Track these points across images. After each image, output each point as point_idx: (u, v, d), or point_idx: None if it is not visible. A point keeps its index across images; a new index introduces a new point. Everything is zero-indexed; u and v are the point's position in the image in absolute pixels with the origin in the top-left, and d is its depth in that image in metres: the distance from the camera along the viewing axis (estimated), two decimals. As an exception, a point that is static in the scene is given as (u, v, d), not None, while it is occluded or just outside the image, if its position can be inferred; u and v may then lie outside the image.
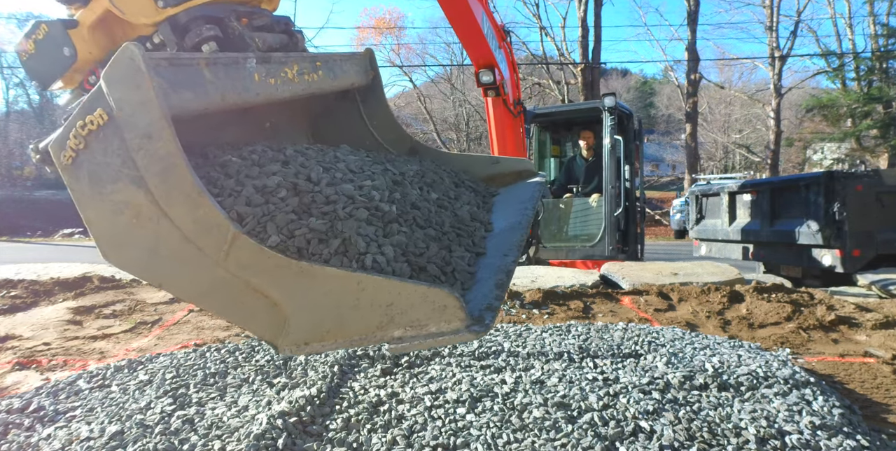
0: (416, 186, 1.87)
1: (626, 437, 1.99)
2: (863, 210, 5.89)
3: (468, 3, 4.80)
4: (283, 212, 1.40)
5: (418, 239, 1.54)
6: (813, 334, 3.72)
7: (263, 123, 2.10)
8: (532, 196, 2.10)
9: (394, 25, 32.27)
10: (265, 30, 1.85)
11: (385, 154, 2.17)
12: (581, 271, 5.96)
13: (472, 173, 2.35)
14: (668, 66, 31.39)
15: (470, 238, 1.75)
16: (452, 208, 1.87)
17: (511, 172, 2.34)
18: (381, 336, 1.19)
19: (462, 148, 33.68)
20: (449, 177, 2.16)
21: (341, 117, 2.31)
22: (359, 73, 2.15)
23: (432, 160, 2.31)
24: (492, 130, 6.01)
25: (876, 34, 20.56)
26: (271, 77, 1.58)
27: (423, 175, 1.99)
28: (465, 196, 2.07)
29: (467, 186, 2.20)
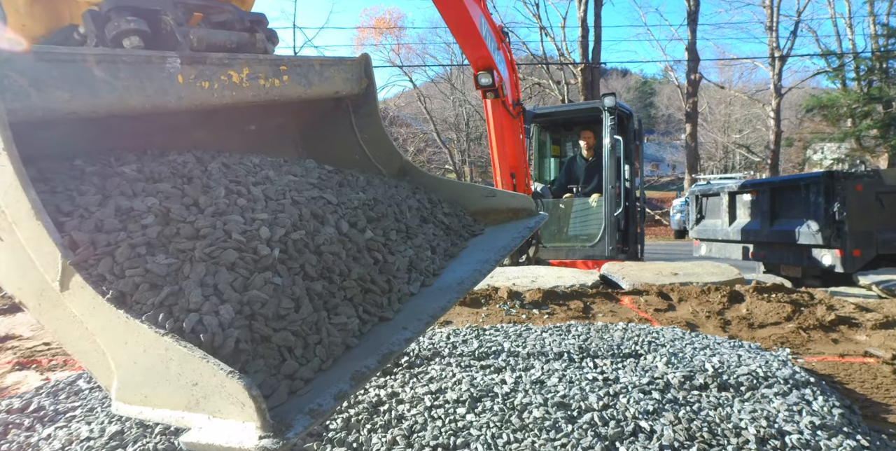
0: (348, 221, 1.57)
1: (626, 437, 1.99)
2: (863, 210, 5.89)
3: (465, 6, 4.78)
4: (131, 244, 1.17)
5: (289, 295, 1.24)
6: (813, 334, 3.72)
7: (245, 127, 1.96)
8: (506, 245, 1.80)
9: (394, 25, 32.31)
10: (226, 27, 1.69)
11: (346, 175, 1.89)
12: (581, 271, 5.96)
13: (463, 205, 2.11)
14: (668, 66, 31.43)
15: (384, 296, 1.44)
16: (387, 252, 1.57)
17: (507, 208, 2.07)
18: (189, 420, 0.97)
19: (462, 148, 33.69)
20: (420, 210, 1.91)
21: (332, 128, 2.12)
22: (347, 81, 1.93)
23: (414, 186, 2.08)
24: (491, 132, 6.01)
25: (876, 34, 20.54)
26: (204, 80, 1.40)
27: (373, 206, 1.71)
28: (425, 236, 1.79)
29: (439, 221, 1.92)
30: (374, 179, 1.97)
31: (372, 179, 1.95)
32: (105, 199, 1.27)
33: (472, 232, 2.01)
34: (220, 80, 1.44)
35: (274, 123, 2.06)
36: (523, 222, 2.01)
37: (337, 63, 1.89)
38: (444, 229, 1.92)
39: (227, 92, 1.47)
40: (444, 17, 4.99)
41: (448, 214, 2.02)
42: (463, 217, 2.06)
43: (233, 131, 1.94)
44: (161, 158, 1.52)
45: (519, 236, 1.89)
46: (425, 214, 1.91)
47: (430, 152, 33.13)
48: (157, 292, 1.11)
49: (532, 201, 2.07)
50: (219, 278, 1.17)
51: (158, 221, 1.25)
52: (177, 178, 1.43)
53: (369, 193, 1.81)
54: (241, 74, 1.50)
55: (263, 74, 1.57)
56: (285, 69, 1.64)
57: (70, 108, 1.19)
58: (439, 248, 1.77)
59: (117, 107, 1.26)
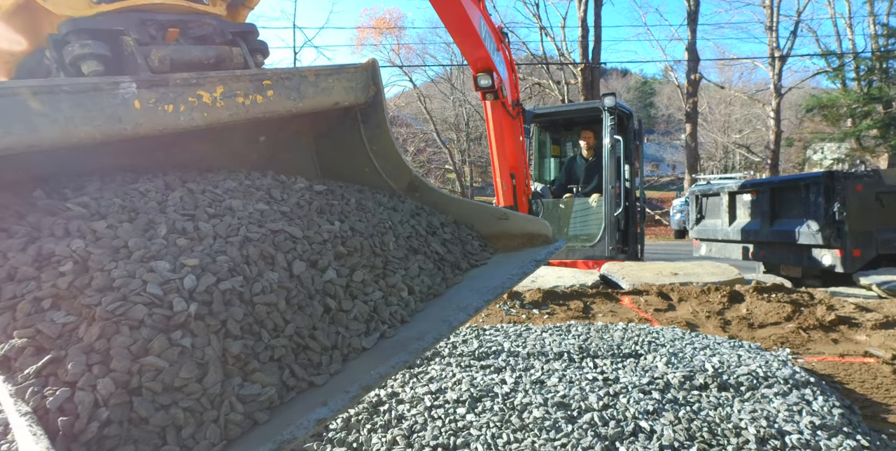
0: (308, 260, 1.41)
1: (626, 437, 1.99)
2: (863, 210, 5.89)
3: (464, 9, 4.77)
4: (36, 297, 1.05)
5: (197, 360, 1.08)
6: (813, 334, 3.72)
7: (256, 138, 1.88)
8: (499, 285, 1.58)
9: (394, 25, 32.30)
10: (206, 41, 1.61)
11: (332, 199, 1.74)
12: (581, 271, 5.96)
13: (474, 227, 1.96)
14: (668, 66, 31.42)
15: (325, 354, 1.25)
16: (345, 297, 1.39)
17: (521, 233, 1.89)
18: None
19: (462, 148, 33.69)
20: (411, 238, 1.74)
21: (343, 139, 2.00)
22: (351, 90, 1.80)
23: (418, 206, 1.93)
24: (490, 133, 6.01)
25: (876, 34, 20.56)
26: (167, 103, 1.31)
27: (346, 239, 1.54)
28: (406, 273, 1.59)
29: (432, 252, 1.74)
30: (369, 202, 1.81)
31: (365, 203, 1.79)
32: (30, 242, 1.18)
33: (475, 262, 1.82)
34: (187, 101, 1.35)
35: (286, 135, 1.96)
36: (535, 252, 1.81)
37: (336, 72, 1.75)
38: (436, 261, 1.73)
39: (196, 114, 1.36)
40: (442, 20, 4.97)
41: (448, 241, 1.84)
42: (469, 243, 1.89)
43: (243, 144, 1.87)
44: (126, 186, 1.44)
45: (520, 273, 1.67)
46: (416, 244, 1.72)
47: (430, 152, 33.12)
48: (39, 358, 0.97)
49: (549, 227, 1.87)
50: (115, 341, 1.02)
51: (75, 270, 1.13)
52: (123, 213, 1.32)
53: (350, 220, 1.64)
54: (213, 93, 1.39)
55: (242, 91, 1.46)
56: (270, 84, 1.53)
57: (4, 144, 1.11)
58: (420, 287, 1.57)
59: (61, 140, 1.18)
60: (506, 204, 6.29)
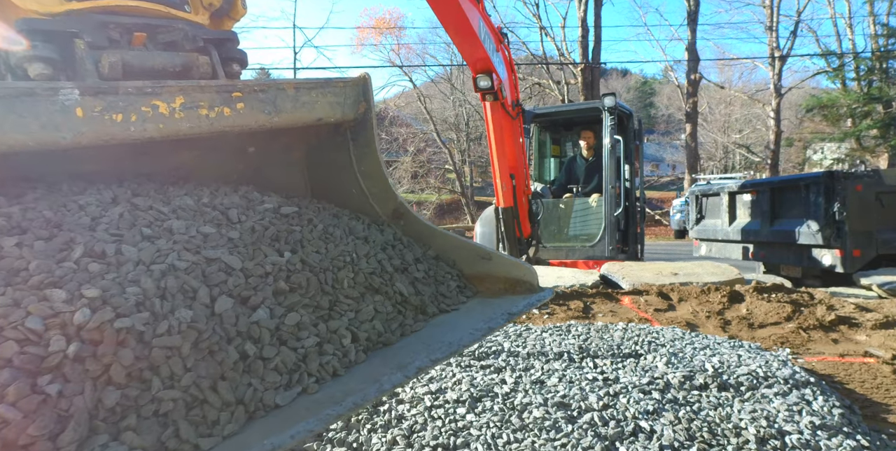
0: (239, 296, 1.27)
1: (626, 437, 1.99)
2: (863, 210, 5.89)
3: (463, 10, 4.75)
4: None
5: (61, 411, 0.94)
6: (813, 334, 3.72)
7: (245, 149, 1.79)
8: (456, 341, 1.42)
9: (394, 25, 32.28)
10: (176, 48, 1.53)
11: (292, 225, 1.59)
12: (581, 271, 5.96)
13: (455, 265, 1.81)
14: (668, 66, 31.43)
15: (224, 411, 1.08)
16: (270, 343, 1.22)
17: (505, 277, 1.75)
18: None
19: (462, 148, 33.68)
20: (373, 276, 1.57)
21: (333, 157, 1.87)
22: (338, 106, 1.67)
23: (394, 238, 1.78)
24: (490, 134, 6.00)
25: (876, 34, 20.56)
26: (115, 112, 1.21)
27: (291, 274, 1.38)
28: (355, 316, 1.43)
29: (394, 293, 1.57)
30: (339, 230, 1.66)
31: (334, 230, 1.64)
32: None
33: (446, 306, 1.65)
34: (139, 111, 1.24)
35: (277, 148, 1.84)
36: (512, 302, 1.66)
37: (321, 86, 1.62)
38: (397, 303, 1.56)
39: (150, 125, 1.26)
40: (441, 21, 4.96)
41: (419, 281, 1.67)
42: (445, 283, 1.73)
43: (231, 155, 1.77)
44: (68, 197, 1.35)
45: (485, 328, 1.50)
46: (378, 282, 1.55)
47: (430, 152, 33.10)
48: None
49: (535, 274, 1.72)
50: None
51: None
52: (46, 228, 1.22)
53: (306, 251, 1.48)
54: (171, 104, 1.29)
55: (207, 103, 1.35)
56: (240, 96, 1.41)
57: None
58: (369, 333, 1.40)
59: None
60: (506, 205, 6.28)
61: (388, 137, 32.97)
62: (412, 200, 32.61)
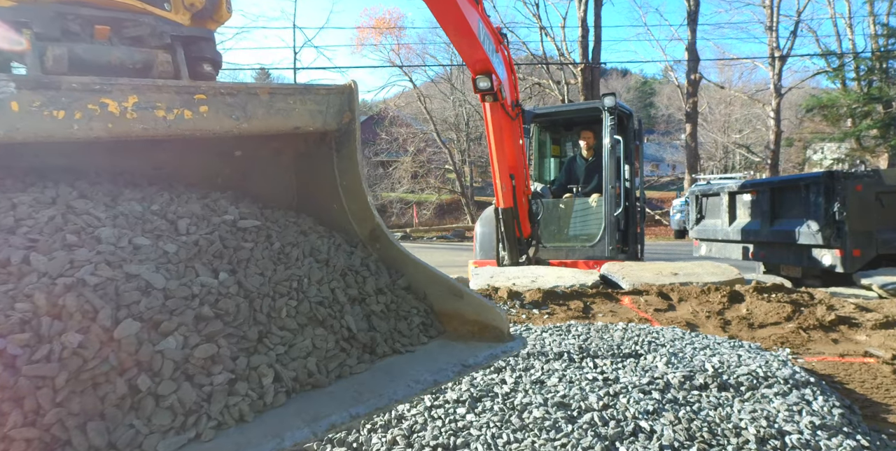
0: (149, 320, 1.14)
1: (626, 437, 1.99)
2: (863, 210, 5.90)
3: (462, 12, 4.74)
4: None
5: None
6: (813, 334, 3.72)
7: (231, 152, 1.71)
8: (394, 393, 1.25)
9: (394, 25, 32.28)
10: (143, 43, 1.44)
11: (246, 240, 1.46)
12: (581, 271, 5.96)
13: (427, 299, 1.66)
14: (668, 66, 31.44)
15: None
16: (169, 377, 1.07)
17: (474, 319, 1.57)
18: None
19: (462, 148, 33.69)
20: (321, 306, 1.41)
21: (318, 167, 1.75)
22: (319, 115, 1.55)
23: (359, 263, 1.63)
24: (490, 135, 6.00)
25: (876, 34, 20.56)
26: (57, 108, 1.14)
27: (219, 299, 1.24)
28: (285, 351, 1.27)
29: (341, 328, 1.41)
30: (298, 250, 1.52)
31: (292, 250, 1.51)
32: None
33: (401, 346, 1.48)
34: (85, 109, 1.16)
35: (266, 153, 1.73)
36: (473, 351, 1.48)
37: (300, 92, 1.51)
38: (343, 339, 1.39)
39: (97, 124, 1.18)
40: (440, 23, 4.95)
41: (377, 314, 1.51)
42: (408, 319, 1.57)
43: (216, 157, 1.68)
44: (8, 193, 1.27)
45: (430, 381, 1.31)
46: (324, 314, 1.39)
47: (430, 152, 33.11)
48: None
49: (505, 321, 1.54)
50: None
51: None
52: None
53: (248, 272, 1.35)
54: (123, 103, 1.21)
55: (164, 104, 1.26)
56: (203, 99, 1.31)
57: None
58: (297, 373, 1.24)
59: None
60: (505, 205, 6.28)
61: (388, 137, 32.97)
62: (412, 200, 32.63)
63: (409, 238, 25.69)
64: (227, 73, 28.53)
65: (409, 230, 27.23)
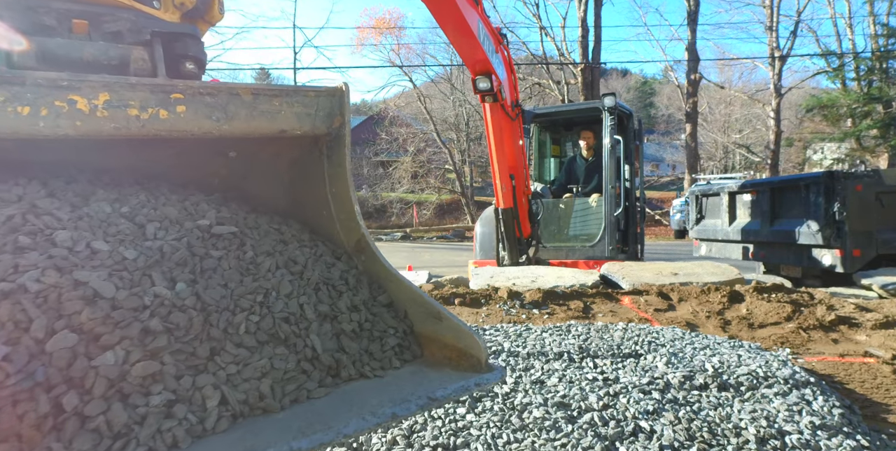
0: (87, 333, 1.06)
1: (626, 437, 1.99)
2: (863, 210, 5.90)
3: (462, 14, 4.73)
4: None
5: None
6: (813, 334, 3.72)
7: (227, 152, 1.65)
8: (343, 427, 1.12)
9: (394, 25, 32.28)
10: (122, 39, 1.39)
11: (207, 250, 1.36)
12: (581, 271, 5.96)
13: (407, 318, 1.55)
14: (668, 66, 31.44)
15: None
16: (100, 397, 0.99)
17: (452, 344, 1.45)
18: None
19: (462, 148, 33.69)
20: (286, 322, 1.32)
21: (310, 170, 1.68)
22: (307, 118, 1.47)
23: (338, 275, 1.54)
24: (490, 135, 5.99)
25: (876, 34, 20.57)
26: (21, 104, 1.10)
27: (172, 311, 1.16)
28: (243, 371, 1.18)
29: (305, 346, 1.31)
30: (271, 260, 1.43)
31: (264, 260, 1.42)
32: None
33: (371, 370, 1.36)
34: (52, 106, 1.12)
35: (265, 156, 1.66)
36: (445, 382, 1.34)
37: (288, 94, 1.43)
38: (305, 359, 1.28)
39: (64, 121, 1.14)
40: (440, 24, 4.94)
41: (347, 334, 1.40)
42: (383, 340, 1.45)
43: (214, 156, 1.62)
44: None
45: (388, 414, 1.19)
46: (286, 332, 1.29)
47: (430, 152, 33.11)
48: None
49: (483, 350, 1.39)
50: None
51: None
52: None
53: (209, 283, 1.26)
54: (93, 100, 1.16)
55: (138, 103, 1.20)
56: (180, 98, 1.25)
57: None
58: (247, 395, 1.15)
59: None
60: (505, 206, 6.28)
61: (388, 137, 32.97)
62: (412, 200, 32.63)
63: (410, 238, 25.69)
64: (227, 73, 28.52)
65: (409, 230, 27.23)
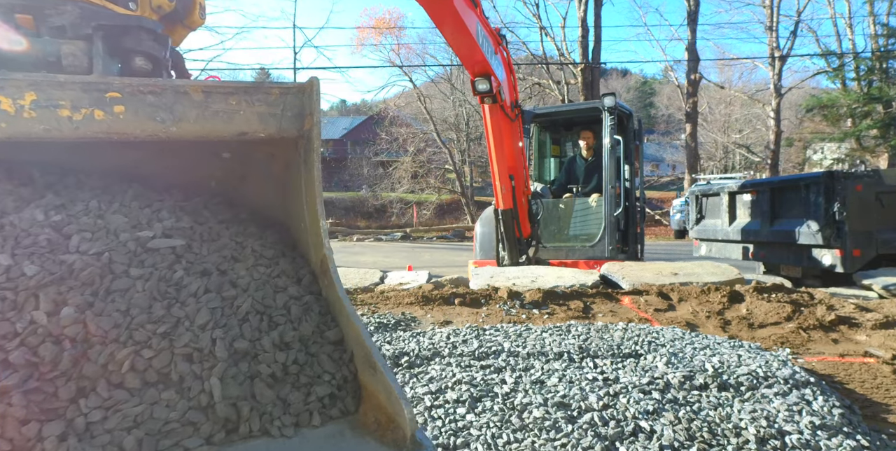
0: None
1: (626, 437, 1.99)
2: (863, 210, 5.90)
3: (461, 18, 4.72)
4: None
5: None
6: (813, 334, 3.71)
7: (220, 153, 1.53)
8: None
9: (394, 25, 32.28)
10: (63, 33, 1.32)
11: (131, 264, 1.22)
12: (581, 271, 5.96)
13: (353, 362, 1.32)
14: (668, 66, 31.44)
15: None
16: None
17: (382, 407, 1.21)
18: None
19: (462, 148, 33.70)
20: (184, 358, 1.14)
21: (294, 176, 1.51)
22: (272, 118, 1.31)
23: (283, 303, 1.34)
24: (489, 136, 5.99)
25: (876, 34, 20.58)
26: None
27: (40, 344, 1.04)
28: (107, 423, 1.00)
29: (201, 391, 1.12)
30: (201, 282, 1.26)
31: (193, 282, 1.25)
32: None
33: (276, 427, 1.13)
34: None
35: (260, 156, 1.53)
36: None
37: (247, 91, 1.27)
38: (194, 408, 1.08)
39: None
40: (438, 28, 4.92)
41: (262, 378, 1.17)
42: (310, 387, 1.22)
43: (210, 157, 1.52)
44: None
45: None
46: (184, 373, 1.11)
47: (430, 152, 33.13)
48: None
49: (413, 422, 1.12)
50: None
51: None
52: None
53: (105, 309, 1.11)
54: (19, 100, 1.07)
55: (69, 102, 1.11)
56: (118, 97, 1.15)
57: None
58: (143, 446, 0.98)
59: None
60: (505, 207, 6.28)
61: (388, 137, 32.98)
62: (412, 200, 32.63)
63: (409, 238, 25.69)
64: (227, 73, 28.51)
65: (409, 230, 27.23)
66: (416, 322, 4.02)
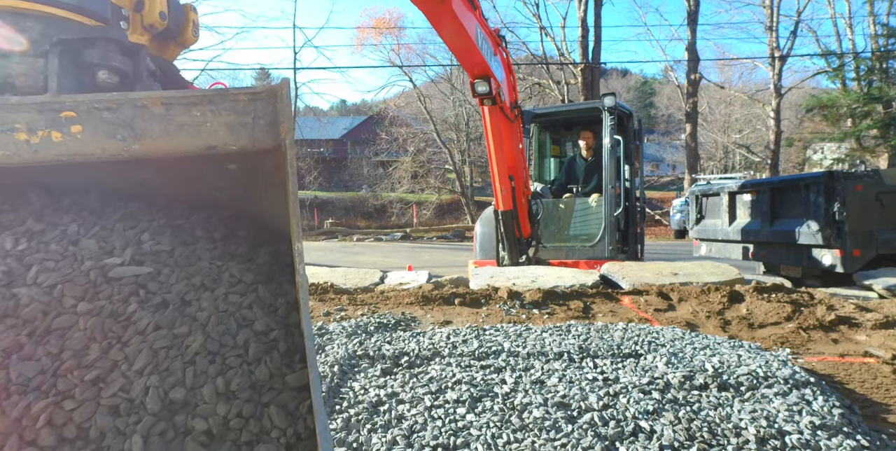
0: None
1: (626, 437, 1.99)
2: (863, 210, 5.90)
3: (461, 22, 4.69)
4: None
5: None
6: (813, 334, 3.72)
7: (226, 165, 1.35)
8: None
9: (394, 25, 32.28)
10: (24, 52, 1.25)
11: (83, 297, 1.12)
12: (581, 271, 5.96)
13: (312, 417, 1.11)
14: (668, 66, 31.45)
15: None
16: None
17: None
18: None
19: (462, 148, 33.71)
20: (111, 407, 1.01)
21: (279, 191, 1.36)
22: (243, 129, 1.14)
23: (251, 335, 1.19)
24: (489, 138, 5.98)
25: (876, 34, 20.59)
26: None
27: None
28: None
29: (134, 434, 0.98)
30: (153, 319, 1.13)
31: (143, 319, 1.12)
32: None
33: None
34: None
35: (267, 167, 1.35)
36: None
37: (212, 100, 1.12)
38: None
39: None
40: (437, 30, 4.91)
41: (193, 436, 1.02)
42: (249, 446, 1.04)
43: (216, 170, 1.39)
44: None
45: None
46: (105, 428, 0.97)
47: (430, 152, 33.14)
48: None
49: None
50: None
51: None
52: None
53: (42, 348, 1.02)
54: None
55: (24, 125, 1.03)
56: (73, 116, 1.06)
57: None
58: None
59: None
60: (505, 208, 6.28)
61: (388, 137, 32.99)
62: (412, 200, 32.63)
63: (409, 238, 25.69)
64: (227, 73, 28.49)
65: (409, 230, 27.24)
66: (416, 322, 4.02)
